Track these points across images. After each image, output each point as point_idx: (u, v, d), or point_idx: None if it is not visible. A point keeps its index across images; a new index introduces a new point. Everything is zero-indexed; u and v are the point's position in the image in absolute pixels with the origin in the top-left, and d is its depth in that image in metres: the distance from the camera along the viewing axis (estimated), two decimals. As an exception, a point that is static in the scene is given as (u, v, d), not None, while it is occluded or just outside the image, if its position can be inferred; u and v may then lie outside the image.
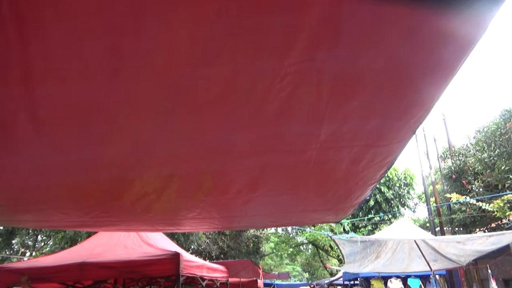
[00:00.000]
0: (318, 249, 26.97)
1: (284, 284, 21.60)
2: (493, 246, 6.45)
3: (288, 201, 2.77)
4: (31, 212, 2.84)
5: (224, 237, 16.45)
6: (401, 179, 17.02)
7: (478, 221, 10.06)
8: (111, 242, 5.04)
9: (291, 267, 37.85)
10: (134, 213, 2.90)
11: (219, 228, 4.83)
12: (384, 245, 7.90)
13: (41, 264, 4.52)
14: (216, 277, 6.06)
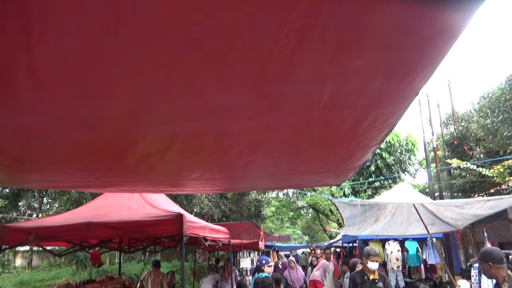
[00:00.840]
0: (318, 213, 27.50)
1: (285, 246, 22.25)
2: (490, 210, 6.55)
3: (289, 162, 2.80)
4: (36, 172, 2.88)
5: (226, 201, 16.75)
6: (403, 145, 17.04)
7: (477, 187, 10.14)
8: (116, 203, 5.15)
9: (291, 230, 38.81)
10: (138, 174, 2.94)
11: (221, 190, 4.90)
12: (384, 209, 8.04)
13: (48, 224, 4.64)
14: (218, 238, 6.22)
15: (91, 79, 1.49)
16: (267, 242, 17.67)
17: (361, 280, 4.85)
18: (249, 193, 17.59)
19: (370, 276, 4.81)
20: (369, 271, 4.85)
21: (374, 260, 4.77)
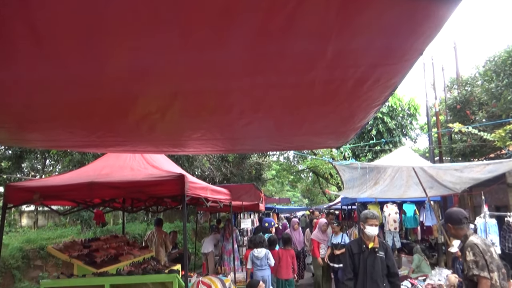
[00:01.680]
0: (318, 177, 27.83)
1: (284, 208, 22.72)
2: (489, 174, 6.61)
3: (291, 123, 2.79)
4: (38, 131, 2.88)
5: (227, 164, 16.90)
6: (405, 110, 16.96)
7: (477, 151, 10.20)
8: (118, 163, 5.19)
9: (291, 193, 39.46)
10: (139, 133, 2.94)
11: (223, 151, 4.92)
12: (383, 172, 8.11)
13: (51, 183, 4.70)
14: (219, 199, 6.33)
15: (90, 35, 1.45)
16: (268, 204, 18.01)
17: (359, 250, 4.24)
18: (250, 156, 17.72)
19: (369, 244, 4.23)
20: (367, 238, 4.27)
21: (373, 224, 4.19)
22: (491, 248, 3.51)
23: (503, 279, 3.42)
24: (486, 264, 3.34)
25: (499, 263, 3.48)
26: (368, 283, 4.11)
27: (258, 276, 6.39)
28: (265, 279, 6.39)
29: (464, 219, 3.67)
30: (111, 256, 5.84)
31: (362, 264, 4.19)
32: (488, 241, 3.80)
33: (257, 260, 6.60)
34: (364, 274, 4.16)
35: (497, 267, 3.42)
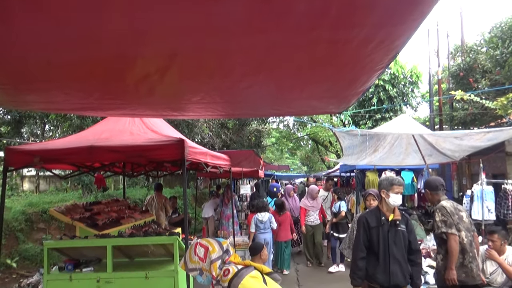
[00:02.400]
0: (317, 144, 27.91)
1: (284, 175, 22.94)
2: (489, 142, 6.61)
3: (292, 86, 2.74)
4: (35, 92, 2.84)
5: (227, 130, 16.88)
6: (407, 77, 16.76)
7: (478, 120, 10.17)
8: (117, 128, 5.17)
9: (290, 161, 39.69)
10: (138, 96, 2.90)
11: (223, 115, 4.89)
12: (383, 139, 8.12)
13: (51, 147, 4.71)
14: (219, 164, 6.35)
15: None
16: (267, 171, 18.17)
17: (377, 223, 3.53)
18: (249, 123, 17.69)
19: (389, 216, 3.53)
20: (388, 209, 3.56)
21: (399, 192, 3.51)
22: (462, 213, 3.98)
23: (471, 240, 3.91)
24: (454, 223, 3.80)
25: (469, 227, 3.95)
26: (391, 262, 3.45)
27: (261, 239, 6.87)
28: (267, 241, 6.95)
29: (441, 186, 4.10)
30: (112, 219, 5.93)
31: (382, 240, 3.50)
32: (461, 207, 4.16)
33: (261, 223, 7.09)
34: (385, 252, 3.49)
35: (466, 229, 3.88)
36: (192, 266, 2.33)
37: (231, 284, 2.18)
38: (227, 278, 2.21)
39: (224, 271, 2.27)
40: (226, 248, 2.37)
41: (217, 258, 2.31)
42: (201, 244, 2.34)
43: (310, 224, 8.31)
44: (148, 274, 4.62)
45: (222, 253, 2.35)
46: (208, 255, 2.30)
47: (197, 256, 2.32)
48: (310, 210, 8.30)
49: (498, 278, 4.54)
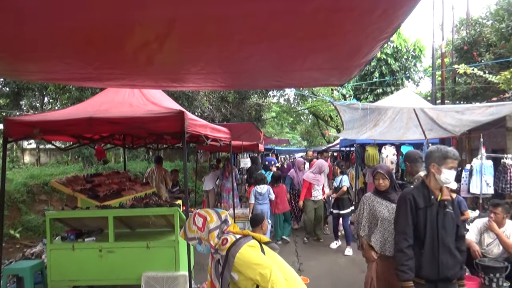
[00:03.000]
0: (318, 119, 27.84)
1: (283, 149, 22.98)
2: (490, 116, 6.57)
3: (293, 57, 2.69)
4: (33, 61, 2.79)
5: (227, 104, 16.80)
6: (410, 51, 16.52)
7: (480, 95, 10.09)
8: (117, 99, 5.13)
9: (291, 136, 39.70)
10: (137, 65, 2.85)
11: (223, 87, 4.84)
12: (384, 113, 8.08)
13: (51, 118, 4.68)
14: (219, 137, 6.35)
15: None
16: (267, 145, 18.19)
17: (426, 202, 3.03)
18: (250, 97, 17.59)
19: (438, 196, 3.05)
20: (435, 187, 3.06)
21: (453, 167, 3.00)
22: None
23: None
24: None
25: None
26: (440, 251, 2.98)
27: (258, 209, 7.46)
28: (264, 212, 7.45)
29: (419, 158, 4.37)
30: (113, 191, 5.99)
31: (429, 225, 3.01)
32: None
33: (260, 195, 7.61)
34: (433, 239, 3.00)
35: None
36: (191, 236, 2.35)
37: (229, 252, 2.19)
38: (225, 247, 2.23)
39: (222, 240, 2.28)
40: (224, 218, 2.38)
41: (215, 228, 2.32)
42: (199, 214, 2.36)
43: (314, 199, 7.96)
44: (150, 244, 4.70)
45: (220, 223, 2.36)
46: (206, 224, 2.32)
47: (195, 225, 2.33)
48: (314, 184, 7.93)
49: (495, 250, 4.70)
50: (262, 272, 2.11)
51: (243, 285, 2.24)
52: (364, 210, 3.78)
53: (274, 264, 2.24)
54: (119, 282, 4.73)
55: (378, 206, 3.66)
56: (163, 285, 4.41)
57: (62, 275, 4.73)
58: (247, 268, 2.15)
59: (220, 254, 2.25)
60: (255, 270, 2.13)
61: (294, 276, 2.37)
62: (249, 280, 2.18)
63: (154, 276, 4.46)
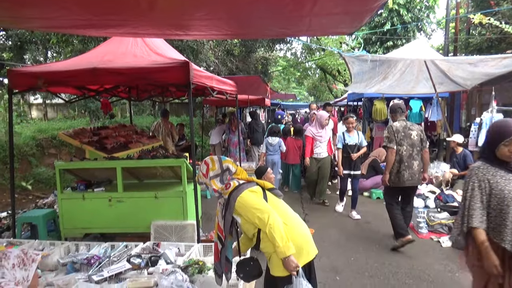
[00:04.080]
0: (325, 74, 27.35)
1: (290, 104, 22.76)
2: (505, 68, 6.38)
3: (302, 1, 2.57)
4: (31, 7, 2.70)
5: (233, 58, 16.47)
6: (423, 1, 15.82)
7: (494, 47, 9.75)
8: (120, 50, 5.02)
9: (297, 91, 39.26)
10: (139, 11, 2.74)
11: (229, 35, 4.69)
12: (394, 66, 7.87)
13: (54, 69, 4.61)
14: (225, 89, 6.26)
15: None
16: (273, 99, 18.03)
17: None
18: (256, 50, 17.20)
19: None
20: None
21: None
22: (412, 131, 4.92)
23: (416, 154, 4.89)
24: (395, 139, 4.86)
25: (415, 143, 4.89)
26: None
27: (269, 160, 8.02)
28: (275, 162, 8.00)
29: (399, 109, 5.12)
30: (120, 144, 6.02)
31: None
32: (414, 127, 5.01)
33: (271, 146, 8.02)
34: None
35: (410, 144, 4.88)
36: (200, 181, 2.49)
37: (230, 196, 2.29)
38: (227, 191, 2.32)
39: (226, 185, 2.38)
40: (226, 167, 2.46)
41: (214, 176, 2.43)
42: (205, 162, 2.48)
43: (316, 157, 7.18)
44: (158, 194, 4.79)
45: (221, 172, 2.45)
46: (208, 172, 2.43)
47: (201, 172, 2.46)
48: (317, 141, 7.12)
49: None
50: (260, 216, 2.20)
51: (245, 227, 2.37)
52: (476, 189, 2.54)
53: (276, 209, 2.31)
54: (129, 230, 4.88)
55: (505, 184, 2.46)
56: (172, 233, 4.54)
57: (74, 223, 4.88)
58: (247, 212, 2.25)
59: (223, 198, 2.36)
60: (254, 214, 2.22)
61: (295, 221, 2.44)
62: (250, 223, 2.29)
63: (163, 225, 4.58)
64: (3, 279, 1.88)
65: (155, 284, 2.90)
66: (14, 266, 1.95)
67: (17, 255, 2.00)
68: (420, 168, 4.95)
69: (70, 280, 2.96)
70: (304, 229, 2.45)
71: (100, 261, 3.35)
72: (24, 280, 1.98)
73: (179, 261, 3.40)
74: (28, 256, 2.05)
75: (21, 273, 1.97)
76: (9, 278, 1.90)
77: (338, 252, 4.92)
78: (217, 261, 2.48)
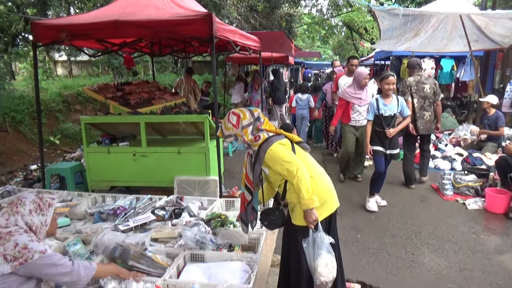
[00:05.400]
0: (351, 31, 26.37)
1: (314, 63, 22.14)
2: (548, 24, 5.93)
3: None
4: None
5: (256, 14, 16.00)
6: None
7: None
8: (142, 2, 4.88)
9: (322, 50, 38.14)
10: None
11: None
12: (426, 21, 7.45)
13: (77, 21, 4.55)
14: (249, 45, 6.09)
15: None
16: (297, 58, 17.57)
17: None
18: (280, 6, 16.62)
19: None
20: None
21: None
22: (423, 85, 5.45)
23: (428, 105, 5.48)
24: (409, 93, 5.44)
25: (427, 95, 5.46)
26: None
27: (299, 114, 8.79)
28: (304, 116, 8.76)
29: (417, 65, 5.59)
30: (144, 99, 6.02)
31: None
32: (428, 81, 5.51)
33: (300, 101, 8.75)
34: None
35: (422, 97, 5.46)
36: (228, 133, 2.43)
37: (260, 148, 2.28)
38: (257, 143, 2.30)
39: (255, 137, 2.35)
40: (257, 115, 2.44)
41: (248, 124, 2.39)
42: (233, 113, 2.43)
43: (354, 124, 5.68)
44: (181, 150, 4.82)
45: (253, 120, 2.42)
46: (240, 121, 2.39)
47: (230, 123, 2.40)
48: (355, 104, 5.58)
49: None
50: (289, 169, 2.20)
51: (273, 179, 2.38)
52: None
53: (303, 162, 2.29)
54: (153, 184, 4.98)
55: None
56: (194, 188, 4.60)
57: (100, 176, 5.01)
58: (276, 164, 2.25)
59: (253, 149, 2.34)
60: (283, 166, 2.22)
61: (321, 175, 2.44)
62: (278, 175, 2.30)
63: (186, 180, 4.63)
64: (16, 226, 1.89)
65: (179, 235, 2.95)
66: (31, 211, 1.96)
67: (32, 201, 2.00)
68: (432, 119, 5.55)
69: (98, 229, 3.05)
70: (329, 182, 2.46)
71: (125, 212, 3.42)
72: (42, 225, 2.00)
73: (202, 215, 3.44)
74: (44, 201, 2.05)
75: (39, 218, 1.98)
76: (21, 225, 1.91)
77: (360, 212, 4.89)
78: (243, 211, 2.54)
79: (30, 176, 6.39)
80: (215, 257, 2.62)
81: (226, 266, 2.48)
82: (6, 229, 1.86)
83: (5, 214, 1.92)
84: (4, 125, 8.33)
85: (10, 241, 1.80)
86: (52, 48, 14.35)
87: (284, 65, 15.40)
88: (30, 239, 1.84)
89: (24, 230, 1.89)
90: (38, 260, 1.79)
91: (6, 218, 1.90)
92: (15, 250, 1.77)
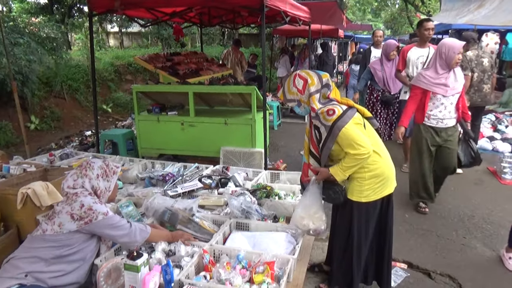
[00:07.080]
0: (406, 3, 24.85)
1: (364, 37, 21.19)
2: None
3: None
4: None
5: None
6: None
7: None
8: (193, -29, 4.86)
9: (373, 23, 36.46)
10: None
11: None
12: (494, -10, 6.82)
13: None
14: (299, 15, 5.92)
15: None
16: (346, 32, 16.93)
17: None
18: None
19: None
20: None
21: None
22: (482, 59, 5.40)
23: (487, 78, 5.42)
24: (469, 67, 5.29)
25: (486, 69, 5.39)
26: None
27: (351, 82, 9.17)
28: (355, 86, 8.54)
29: (471, 39, 5.61)
30: (192, 70, 6.09)
31: None
32: (486, 55, 5.51)
33: (354, 72, 9.07)
34: None
35: (482, 70, 5.39)
36: (291, 97, 2.28)
37: (334, 125, 2.12)
38: (331, 118, 2.13)
39: (328, 110, 2.15)
40: (326, 82, 2.22)
41: (315, 91, 2.20)
42: (300, 76, 2.23)
43: (435, 125, 3.72)
44: (227, 121, 4.84)
45: (321, 87, 2.22)
46: (307, 87, 2.21)
47: (295, 87, 2.23)
48: (437, 93, 3.62)
49: None
50: (359, 152, 2.11)
51: (336, 152, 2.23)
52: None
53: (371, 139, 2.21)
54: (200, 153, 5.06)
55: None
56: (240, 159, 4.63)
57: (150, 143, 5.17)
58: (348, 145, 2.12)
59: (322, 123, 2.17)
60: (354, 147, 2.10)
61: (386, 153, 2.36)
62: (344, 151, 2.17)
63: (232, 151, 4.67)
64: (82, 188, 2.03)
65: (225, 203, 3.00)
66: (98, 176, 2.10)
67: (100, 166, 2.14)
68: (490, 91, 5.57)
69: (148, 193, 3.16)
70: (391, 162, 2.37)
71: (174, 178, 3.52)
72: (106, 190, 2.14)
73: (247, 185, 3.47)
74: (109, 168, 2.19)
75: (104, 183, 2.12)
76: (87, 188, 2.04)
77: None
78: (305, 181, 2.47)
79: (85, 141, 6.73)
80: (260, 227, 2.64)
81: (270, 236, 2.49)
82: (73, 190, 2.01)
83: (73, 175, 2.06)
84: (62, 93, 8.78)
85: (77, 201, 1.93)
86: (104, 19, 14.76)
87: (333, 39, 14.91)
88: (94, 201, 1.98)
89: (89, 193, 2.02)
90: (102, 221, 1.94)
91: (75, 179, 2.05)
92: (81, 210, 1.91)
